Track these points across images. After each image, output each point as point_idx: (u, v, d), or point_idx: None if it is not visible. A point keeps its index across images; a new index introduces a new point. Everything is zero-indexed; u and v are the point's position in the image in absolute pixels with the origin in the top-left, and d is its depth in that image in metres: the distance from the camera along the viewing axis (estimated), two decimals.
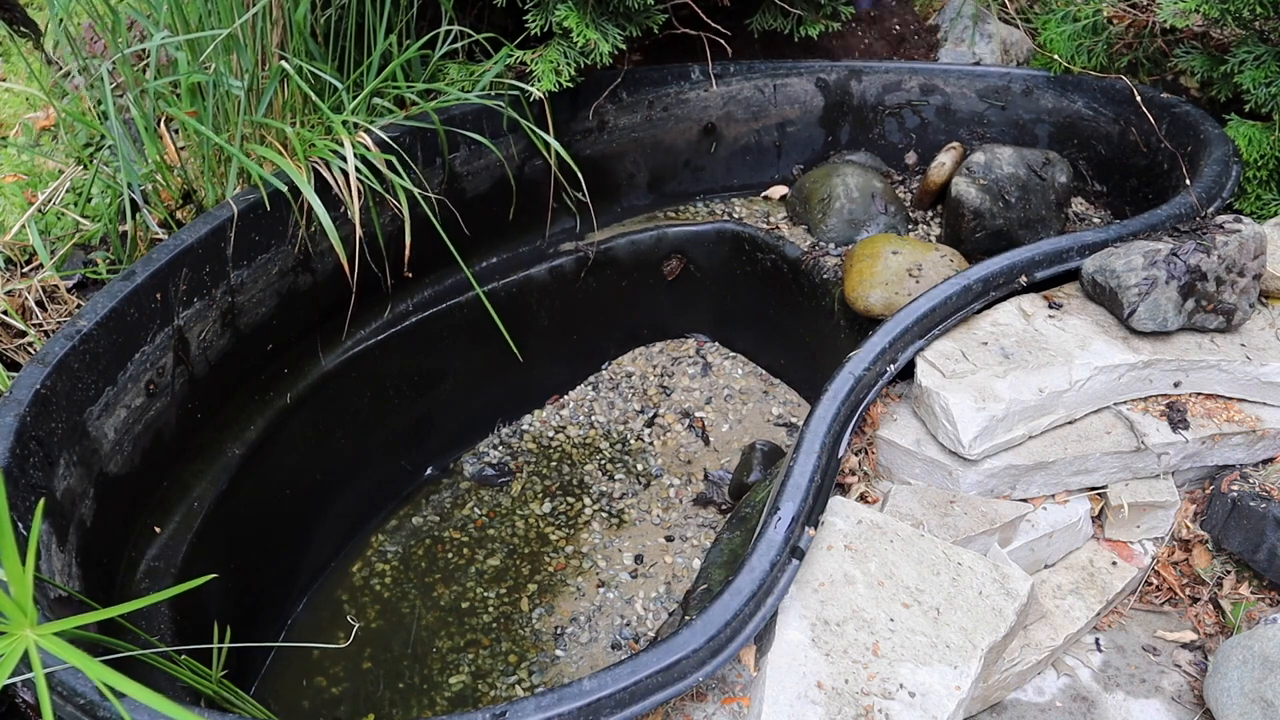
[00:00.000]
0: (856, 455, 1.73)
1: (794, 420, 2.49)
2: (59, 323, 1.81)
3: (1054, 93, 2.43)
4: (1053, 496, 1.73)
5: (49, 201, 2.02)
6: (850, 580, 1.44)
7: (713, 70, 2.46)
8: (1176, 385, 1.77)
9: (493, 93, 2.13)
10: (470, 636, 2.04)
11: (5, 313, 1.76)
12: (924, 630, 1.38)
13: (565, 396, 2.58)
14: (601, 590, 2.13)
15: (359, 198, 1.86)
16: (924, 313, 1.73)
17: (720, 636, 1.27)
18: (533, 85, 2.08)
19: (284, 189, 1.81)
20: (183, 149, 2.06)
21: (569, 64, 2.08)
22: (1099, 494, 1.75)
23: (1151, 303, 1.72)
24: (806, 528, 1.44)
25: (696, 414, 2.53)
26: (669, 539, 2.24)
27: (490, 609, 2.09)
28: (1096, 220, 2.38)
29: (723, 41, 2.40)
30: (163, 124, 2.06)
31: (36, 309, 1.82)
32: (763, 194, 2.62)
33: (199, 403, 1.80)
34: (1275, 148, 2.01)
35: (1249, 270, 1.77)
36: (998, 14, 2.56)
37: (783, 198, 2.57)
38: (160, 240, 1.88)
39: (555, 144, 2.16)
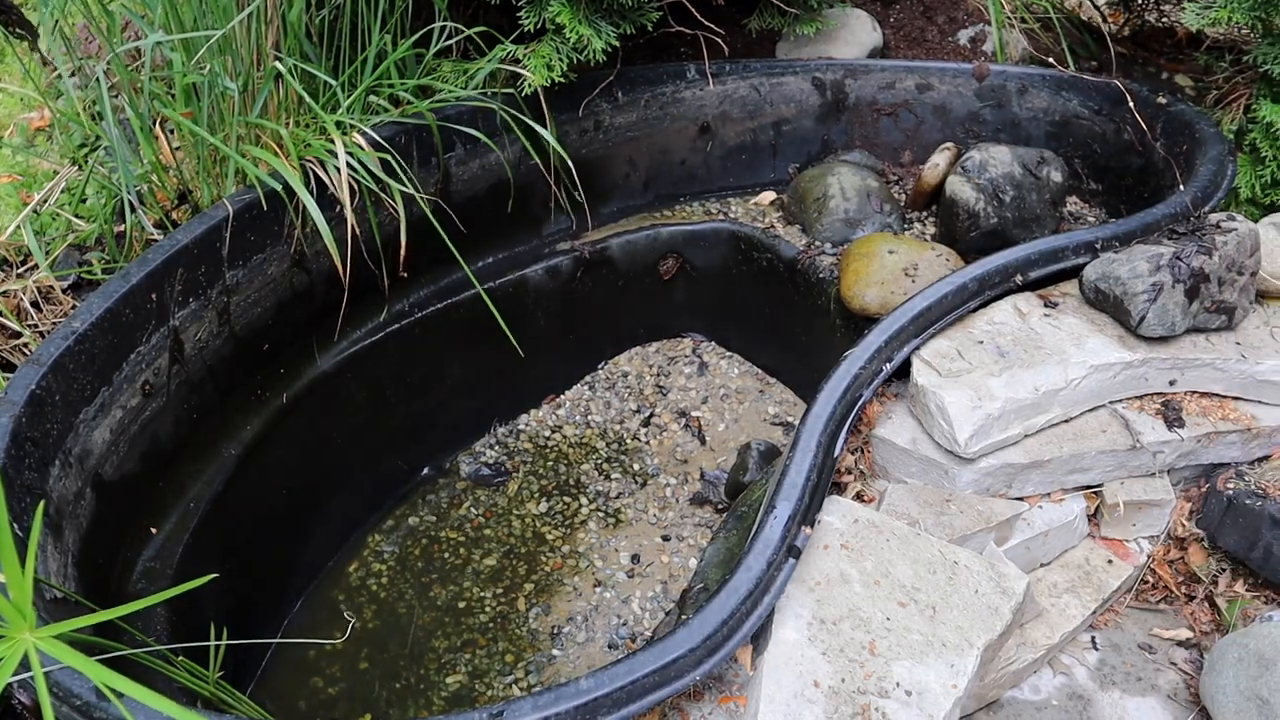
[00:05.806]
0: (852, 454, 1.73)
1: (790, 419, 2.50)
2: (54, 323, 1.81)
3: (1049, 92, 2.43)
4: (1048, 495, 1.73)
5: (44, 202, 2.02)
6: (846, 579, 1.44)
7: (709, 69, 2.45)
8: (1172, 383, 1.77)
9: (487, 90, 2.13)
10: (467, 636, 2.04)
11: (0, 314, 1.76)
12: (920, 629, 1.38)
13: (561, 396, 2.58)
14: (598, 590, 2.13)
15: (353, 198, 1.86)
16: (920, 311, 1.74)
17: (717, 635, 1.27)
18: (525, 79, 2.07)
19: (279, 189, 1.81)
20: (178, 149, 2.05)
21: (561, 59, 2.08)
22: (1095, 492, 1.75)
23: (1160, 308, 1.72)
24: (803, 527, 1.44)
25: (693, 413, 2.53)
26: (665, 538, 2.24)
27: (487, 609, 2.09)
28: (1092, 219, 2.38)
29: (719, 40, 2.40)
30: (158, 125, 2.06)
31: (31, 310, 1.81)
32: (752, 200, 2.61)
33: (195, 403, 1.80)
34: None
35: (1246, 268, 1.78)
36: (1000, 17, 2.56)
37: (772, 202, 2.57)
38: (155, 241, 1.88)
39: (549, 136, 2.16)
